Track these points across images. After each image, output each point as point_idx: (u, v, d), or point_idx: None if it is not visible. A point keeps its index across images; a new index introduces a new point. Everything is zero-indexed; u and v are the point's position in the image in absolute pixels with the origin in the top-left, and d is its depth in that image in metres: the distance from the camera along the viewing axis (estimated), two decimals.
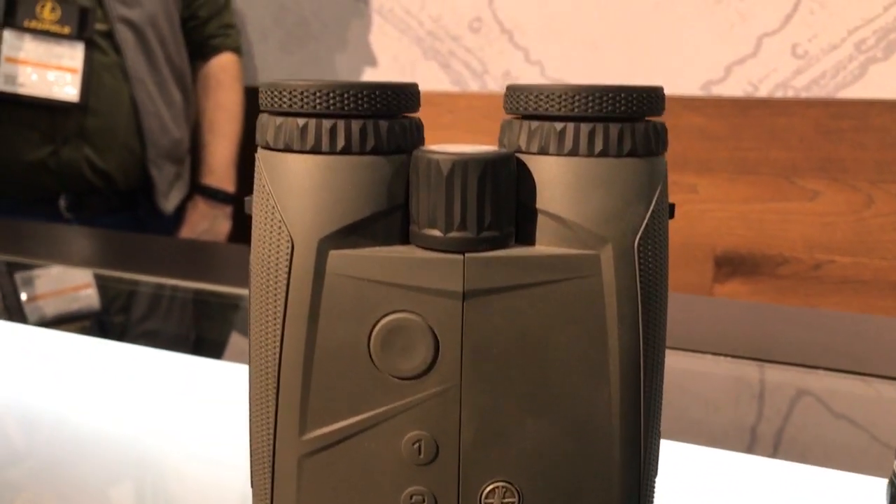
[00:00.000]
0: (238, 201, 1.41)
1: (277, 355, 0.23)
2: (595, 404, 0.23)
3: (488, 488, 0.23)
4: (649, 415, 0.24)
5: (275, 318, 0.23)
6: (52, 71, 1.21)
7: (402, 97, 0.23)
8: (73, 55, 1.21)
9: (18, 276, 0.86)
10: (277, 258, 0.23)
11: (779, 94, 1.14)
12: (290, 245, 0.23)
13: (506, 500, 0.23)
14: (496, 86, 1.33)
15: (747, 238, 1.16)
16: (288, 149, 0.23)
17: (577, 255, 0.23)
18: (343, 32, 1.44)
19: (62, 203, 1.27)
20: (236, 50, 1.40)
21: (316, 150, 0.22)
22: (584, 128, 0.22)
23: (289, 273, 0.23)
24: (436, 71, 1.36)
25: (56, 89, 1.21)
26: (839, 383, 0.55)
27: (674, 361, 0.29)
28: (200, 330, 0.74)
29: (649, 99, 0.23)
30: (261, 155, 0.24)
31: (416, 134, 0.24)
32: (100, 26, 1.23)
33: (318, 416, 0.23)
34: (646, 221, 0.23)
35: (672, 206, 0.25)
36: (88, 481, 0.40)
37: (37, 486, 0.40)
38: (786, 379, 0.57)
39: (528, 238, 0.23)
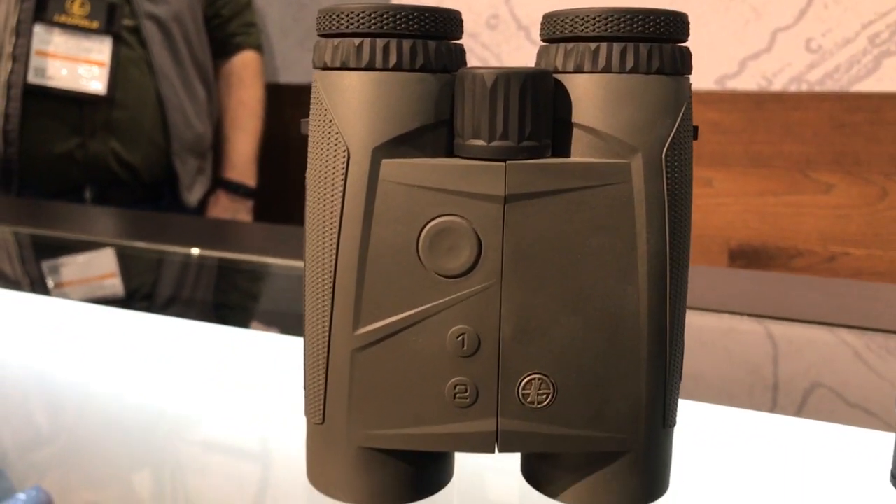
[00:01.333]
0: (258, 196, 1.43)
1: (334, 256, 0.25)
2: (624, 303, 0.25)
3: (525, 380, 0.25)
4: (675, 314, 0.26)
5: (332, 222, 0.25)
6: (80, 64, 1.24)
7: (447, 21, 0.25)
8: (102, 49, 1.25)
9: (42, 251, 0.88)
10: (335, 167, 0.25)
11: (793, 88, 1.16)
12: (346, 154, 0.25)
13: (542, 391, 0.25)
14: None
15: (761, 231, 1.18)
16: (345, 66, 0.25)
17: (610, 164, 0.25)
18: None
19: (87, 194, 1.30)
20: (258, 48, 1.44)
21: (370, 67, 0.25)
22: (617, 47, 0.25)
23: (345, 180, 0.25)
24: None
25: (84, 82, 1.24)
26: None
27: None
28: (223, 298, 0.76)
29: (675, 23, 0.25)
30: (317, 76, 0.26)
31: (460, 56, 0.26)
32: (127, 22, 1.26)
33: (371, 313, 0.25)
34: (672, 134, 0.25)
35: (696, 128, 0.27)
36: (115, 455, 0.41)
37: (63, 462, 0.41)
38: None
39: (564, 150, 0.25)
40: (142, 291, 0.77)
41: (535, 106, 0.24)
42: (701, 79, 1.22)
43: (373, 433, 0.26)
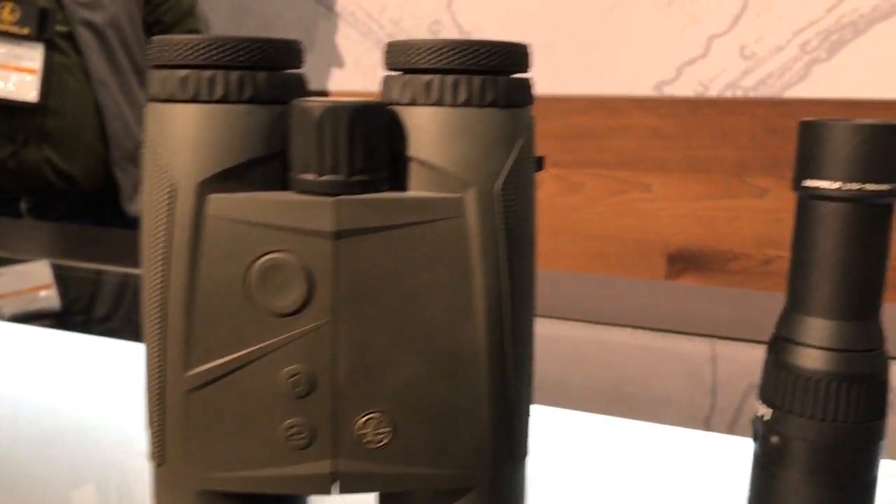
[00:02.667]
0: None
1: (164, 295, 0.24)
2: (462, 340, 0.25)
3: (363, 419, 0.25)
4: (518, 348, 0.25)
5: (160, 259, 0.24)
6: (11, 72, 1.21)
7: (281, 51, 0.25)
8: (33, 56, 1.22)
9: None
10: (161, 201, 0.24)
11: (728, 94, 1.17)
12: (171, 189, 0.24)
13: (380, 430, 0.25)
14: None
15: (699, 235, 1.19)
16: (171, 99, 0.24)
17: (443, 198, 0.24)
18: (305, 35, 1.46)
19: (23, 205, 1.27)
20: None
21: (196, 99, 0.24)
22: (449, 79, 0.24)
23: (171, 215, 0.24)
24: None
25: (15, 90, 1.21)
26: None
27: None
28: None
29: (511, 54, 0.25)
30: (148, 108, 0.25)
31: (296, 86, 0.25)
32: (60, 28, 1.23)
33: (202, 353, 0.24)
34: (508, 167, 0.24)
35: (540, 160, 0.26)
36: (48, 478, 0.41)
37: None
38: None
39: (401, 184, 0.25)
40: (74, 310, 0.75)
41: (366, 140, 0.24)
42: (639, 85, 1.23)
43: (211, 476, 0.25)
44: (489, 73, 0.24)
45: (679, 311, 0.73)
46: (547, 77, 1.28)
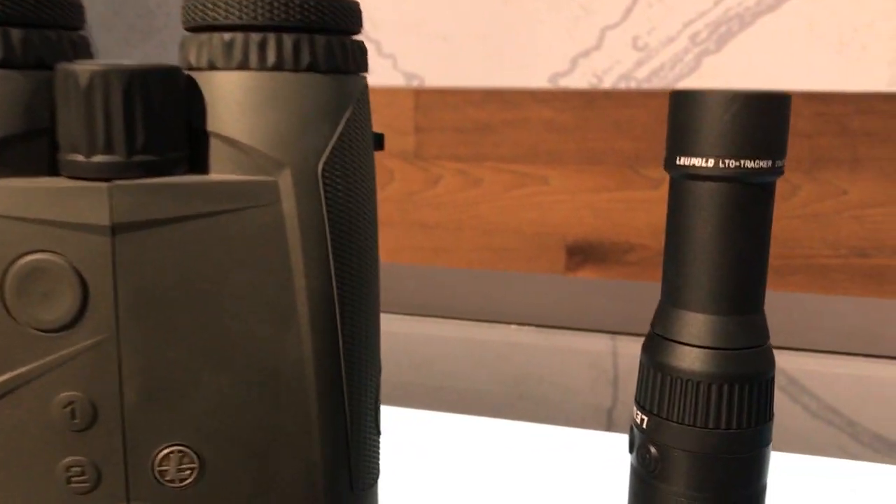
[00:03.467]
0: None
1: None
2: (283, 354, 0.20)
3: (162, 454, 0.20)
4: (353, 366, 0.21)
5: None
6: None
7: (45, 4, 0.20)
8: None
9: None
10: None
11: (622, 86, 1.17)
12: None
13: (184, 467, 0.20)
14: None
15: (596, 227, 1.18)
16: None
17: (251, 182, 0.20)
18: None
19: None
20: None
21: None
22: (255, 37, 0.20)
23: None
24: None
25: None
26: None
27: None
28: None
29: (334, 10, 0.21)
30: None
31: (68, 48, 0.20)
32: None
33: None
34: (332, 144, 0.20)
35: (380, 137, 0.22)
36: None
37: None
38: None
39: (202, 165, 0.20)
40: None
41: (149, 112, 0.19)
42: (534, 77, 1.20)
43: None
44: (306, 30, 0.20)
45: (579, 306, 0.71)
46: (441, 69, 1.25)
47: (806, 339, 0.65)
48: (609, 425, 0.59)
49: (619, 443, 0.40)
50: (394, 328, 0.68)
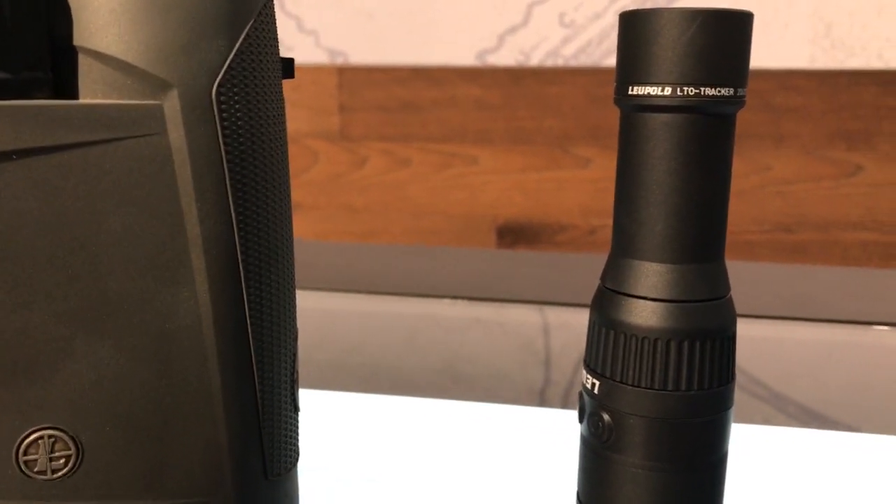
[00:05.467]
0: None
1: None
2: (175, 315, 0.17)
3: (28, 441, 0.17)
4: (262, 329, 0.18)
5: None
6: None
7: None
8: None
9: None
10: None
11: (549, 63, 1.15)
12: None
13: (57, 454, 0.17)
14: None
15: (526, 207, 1.16)
16: None
17: (130, 107, 0.16)
18: None
19: None
20: None
21: None
22: None
23: None
24: None
25: None
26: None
27: None
28: None
29: None
30: None
31: None
32: None
33: None
34: (229, 62, 0.17)
35: (287, 61, 0.19)
36: None
37: None
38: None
39: (69, 87, 0.17)
40: None
41: (1, 23, 0.16)
42: (461, 54, 1.18)
43: None
44: None
45: (510, 279, 0.69)
46: (366, 46, 1.21)
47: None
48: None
49: (557, 418, 0.38)
50: (323, 305, 0.64)
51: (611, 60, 1.13)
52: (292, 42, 1.23)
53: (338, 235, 1.01)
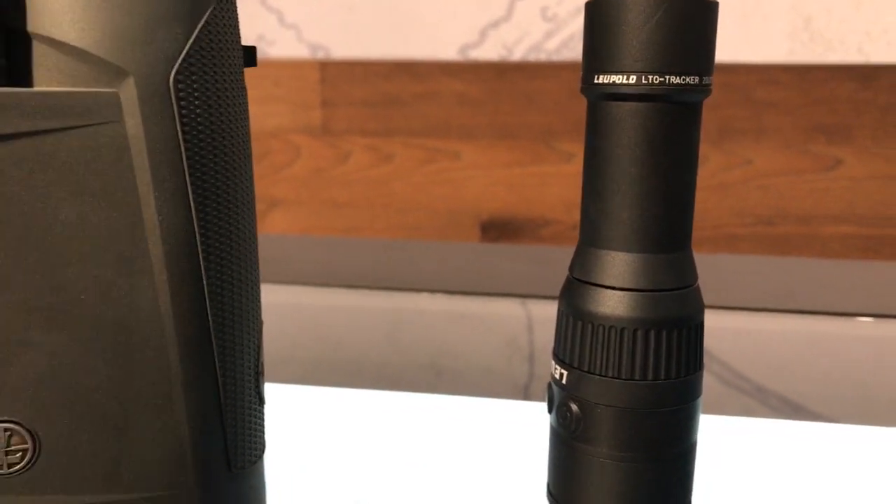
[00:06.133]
0: None
1: None
2: (134, 306, 0.17)
3: None
4: (224, 319, 0.18)
5: None
6: None
7: None
8: None
9: None
10: None
11: (532, 58, 1.15)
12: None
13: (14, 448, 0.17)
14: None
15: (510, 202, 1.16)
16: None
17: (85, 94, 0.16)
18: None
19: None
20: None
21: None
22: None
23: None
24: None
25: None
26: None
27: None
28: None
29: None
30: None
31: None
32: None
33: None
34: (187, 48, 0.17)
35: (250, 49, 0.19)
36: None
37: None
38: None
39: (22, 75, 0.16)
40: None
41: None
42: (444, 49, 1.18)
43: None
44: None
45: (494, 274, 0.69)
46: (347, 40, 1.20)
47: (716, 297, 0.65)
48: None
49: (542, 413, 0.38)
50: (305, 300, 0.64)
51: None
52: (273, 36, 1.22)
53: (321, 230, 1.01)
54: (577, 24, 1.17)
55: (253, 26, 1.33)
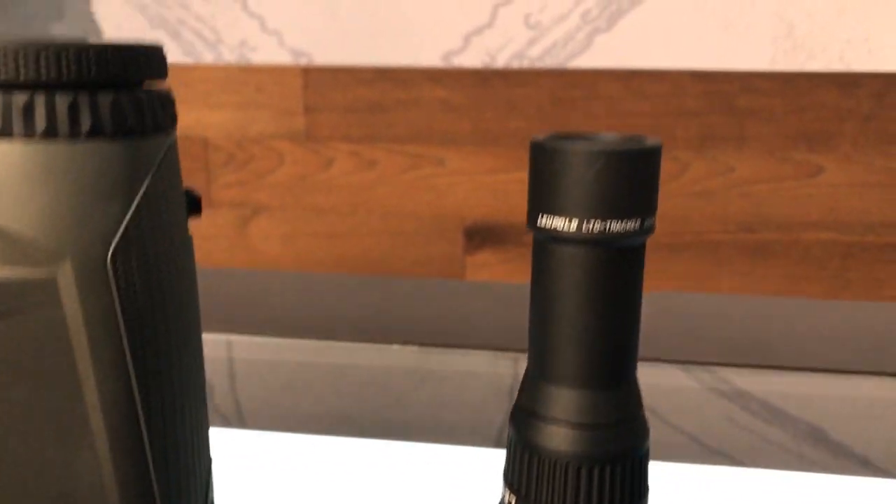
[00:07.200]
0: None
1: None
2: (77, 477, 0.17)
3: None
4: (170, 479, 0.18)
5: None
6: None
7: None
8: None
9: None
10: None
11: (515, 65, 1.15)
12: None
13: None
14: (232, 56, 1.23)
15: (494, 208, 1.17)
16: None
17: (21, 280, 0.16)
18: None
19: None
20: None
21: None
22: (18, 99, 0.16)
23: None
24: (165, 41, 1.24)
25: None
26: None
27: None
28: None
29: (121, 57, 0.17)
30: None
31: None
32: None
33: None
34: (125, 224, 0.17)
35: (195, 198, 0.19)
36: None
37: None
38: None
39: None
40: None
41: None
42: (427, 55, 1.17)
43: None
44: (86, 87, 0.17)
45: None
46: (330, 46, 1.19)
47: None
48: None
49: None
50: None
51: (576, 62, 1.13)
52: (255, 42, 1.21)
53: (305, 238, 1.01)
54: (560, 31, 1.17)
55: (235, 32, 1.32)
